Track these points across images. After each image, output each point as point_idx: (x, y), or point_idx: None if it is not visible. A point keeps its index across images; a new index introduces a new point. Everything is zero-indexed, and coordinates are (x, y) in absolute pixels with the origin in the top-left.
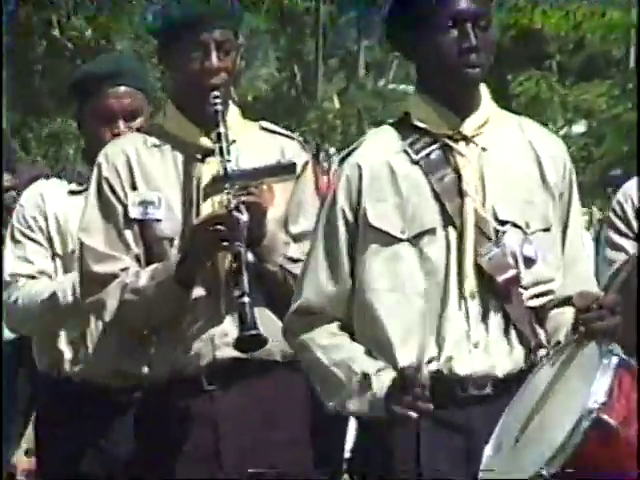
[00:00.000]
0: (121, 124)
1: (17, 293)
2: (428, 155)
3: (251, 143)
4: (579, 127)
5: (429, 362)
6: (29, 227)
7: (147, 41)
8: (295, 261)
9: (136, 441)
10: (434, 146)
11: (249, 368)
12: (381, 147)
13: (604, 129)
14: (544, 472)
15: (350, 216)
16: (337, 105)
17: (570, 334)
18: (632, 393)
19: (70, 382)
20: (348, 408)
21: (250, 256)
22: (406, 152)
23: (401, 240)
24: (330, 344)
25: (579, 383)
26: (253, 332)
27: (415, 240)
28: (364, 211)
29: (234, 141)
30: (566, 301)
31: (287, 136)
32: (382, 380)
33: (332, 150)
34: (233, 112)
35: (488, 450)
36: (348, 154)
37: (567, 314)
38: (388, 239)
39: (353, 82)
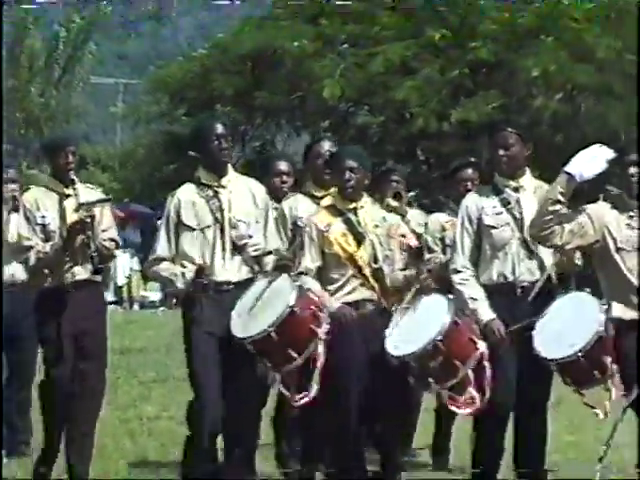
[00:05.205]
0: None
1: None
2: (207, 194)
3: (87, 191)
4: None
5: (208, 275)
6: None
7: None
8: (105, 240)
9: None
10: (210, 190)
11: (88, 284)
12: (189, 191)
13: None
14: (270, 329)
15: (176, 219)
16: None
17: (272, 270)
18: (305, 299)
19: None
20: (175, 287)
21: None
22: (199, 193)
23: (195, 229)
24: (164, 267)
25: (280, 293)
26: (98, 267)
27: (202, 230)
28: (181, 217)
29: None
30: (267, 253)
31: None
32: (185, 276)
33: None
34: (78, 180)
35: (235, 314)
36: (174, 194)
37: (267, 258)
38: (191, 229)
39: None
